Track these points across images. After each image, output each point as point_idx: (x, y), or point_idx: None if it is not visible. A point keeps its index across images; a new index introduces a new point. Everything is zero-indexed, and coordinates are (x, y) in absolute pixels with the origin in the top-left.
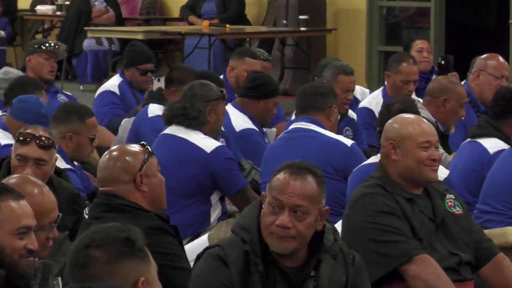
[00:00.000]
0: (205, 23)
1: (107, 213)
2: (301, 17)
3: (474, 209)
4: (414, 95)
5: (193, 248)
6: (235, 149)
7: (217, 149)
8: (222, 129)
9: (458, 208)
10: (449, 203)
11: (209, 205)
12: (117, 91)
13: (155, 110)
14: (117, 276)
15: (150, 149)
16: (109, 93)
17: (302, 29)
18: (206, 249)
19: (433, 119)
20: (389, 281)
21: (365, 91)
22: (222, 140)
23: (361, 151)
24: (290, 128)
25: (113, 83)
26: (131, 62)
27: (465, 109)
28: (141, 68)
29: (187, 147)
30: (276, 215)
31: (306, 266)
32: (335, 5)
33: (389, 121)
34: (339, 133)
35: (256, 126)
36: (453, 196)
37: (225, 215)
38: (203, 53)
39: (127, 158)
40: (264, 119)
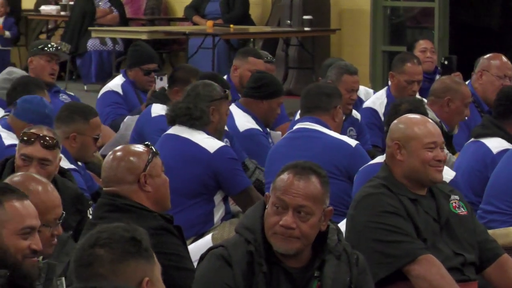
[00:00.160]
0: (209, 23)
1: (111, 213)
2: (305, 17)
3: (478, 209)
4: (417, 95)
5: (197, 248)
6: (239, 149)
7: (220, 149)
8: (226, 129)
9: (462, 209)
10: (454, 204)
11: (213, 205)
12: (120, 91)
13: (158, 110)
14: (122, 275)
15: (154, 149)
16: (112, 93)
17: (306, 29)
18: (209, 249)
19: (437, 119)
20: (393, 281)
21: (369, 91)
22: (226, 140)
23: (365, 152)
24: (294, 128)
25: (116, 83)
26: (134, 62)
27: (469, 109)
28: (145, 68)
29: (191, 147)
30: (280, 216)
31: (310, 266)
32: (339, 5)
33: (395, 121)
34: (343, 133)
35: (259, 126)
36: (457, 197)
37: (229, 215)
38: (207, 53)
39: (131, 158)
40: (267, 119)
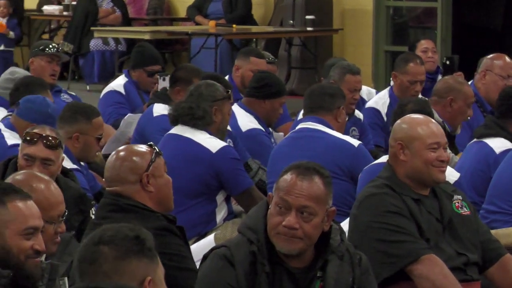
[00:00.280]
0: (212, 23)
1: (113, 213)
2: (307, 17)
3: (480, 209)
4: (420, 95)
5: (200, 248)
6: (242, 149)
7: (222, 149)
8: (229, 129)
9: (465, 209)
10: (457, 204)
11: (215, 205)
12: (122, 91)
13: (160, 109)
14: (124, 273)
15: (157, 150)
16: (114, 93)
17: (308, 29)
18: (212, 249)
19: (440, 119)
20: (395, 281)
21: (371, 91)
22: (229, 140)
23: (368, 152)
24: (297, 128)
25: (118, 83)
26: (138, 63)
27: (471, 108)
28: (148, 69)
29: (193, 147)
30: (283, 216)
31: (312, 266)
32: (341, 5)
33: (398, 121)
34: (346, 133)
35: (262, 126)
36: (460, 197)
37: (231, 215)
38: (210, 53)
39: (134, 158)
40: (270, 119)
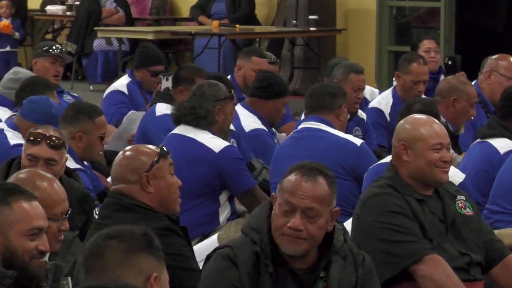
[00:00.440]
0: (215, 23)
1: (117, 212)
2: (310, 17)
3: (484, 210)
4: (423, 95)
5: (203, 248)
6: (246, 148)
7: (225, 149)
8: (233, 129)
9: (468, 209)
10: (460, 204)
11: (218, 205)
12: (125, 91)
13: (162, 109)
14: (131, 268)
15: (164, 151)
16: (117, 92)
17: (312, 29)
18: (215, 249)
19: (443, 119)
20: (399, 281)
21: (374, 91)
22: (233, 140)
23: (371, 151)
24: (299, 127)
25: (121, 83)
26: (142, 63)
27: (475, 108)
28: (152, 69)
29: (195, 147)
30: (287, 217)
31: (316, 267)
32: (345, 5)
33: (401, 122)
34: (349, 133)
35: (265, 126)
36: (463, 197)
37: (235, 215)
38: (213, 53)
39: (137, 158)
40: (273, 119)
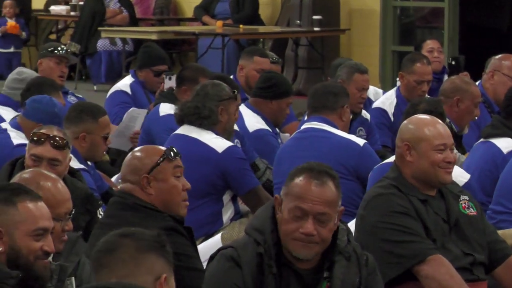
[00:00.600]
0: (219, 23)
1: (121, 211)
2: (314, 17)
3: (487, 210)
4: (426, 95)
5: (207, 248)
6: (250, 148)
7: (228, 149)
8: (236, 128)
9: (472, 209)
10: (463, 204)
11: (221, 205)
12: (128, 91)
13: (166, 109)
14: (142, 265)
15: (171, 154)
16: (120, 92)
17: (315, 29)
18: (219, 250)
19: (447, 119)
20: (402, 281)
21: (378, 91)
22: (237, 141)
23: (373, 151)
24: (302, 128)
25: (124, 83)
26: (145, 63)
27: (479, 108)
28: (155, 69)
29: (199, 147)
30: (298, 222)
31: (319, 267)
32: (349, 5)
33: (405, 122)
34: (353, 133)
35: (269, 126)
36: (467, 197)
37: (238, 215)
38: (217, 53)
39: (140, 158)
40: (277, 119)
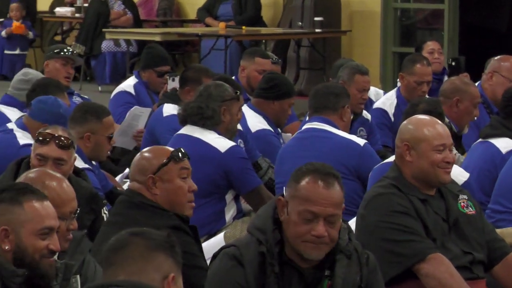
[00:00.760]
0: (222, 24)
1: (128, 209)
2: (316, 18)
3: (486, 209)
4: (426, 96)
5: (209, 246)
6: (253, 147)
7: (231, 149)
8: (240, 128)
9: (471, 208)
10: (462, 204)
11: (224, 204)
12: (132, 92)
13: (170, 109)
14: (151, 263)
15: (177, 155)
16: (124, 93)
17: (317, 30)
18: (222, 248)
19: (446, 120)
20: (403, 280)
21: (379, 92)
22: (240, 141)
23: (374, 151)
24: (303, 128)
25: (128, 84)
26: (148, 64)
27: (478, 109)
28: (158, 70)
29: (202, 147)
30: (309, 224)
31: (321, 266)
32: (350, 7)
33: (404, 122)
34: (354, 133)
35: (271, 126)
36: (466, 196)
37: (241, 214)
38: (220, 54)
39: (147, 159)
40: (279, 120)
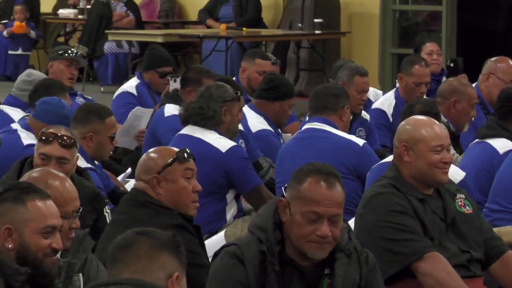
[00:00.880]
0: (223, 26)
1: (133, 208)
2: (316, 20)
3: (483, 208)
4: (425, 97)
5: (210, 245)
6: (254, 147)
7: (232, 149)
8: (241, 128)
9: (468, 207)
10: (459, 203)
11: (225, 204)
12: (134, 92)
13: (171, 109)
14: (156, 262)
15: (182, 156)
16: (127, 94)
17: (317, 32)
18: (223, 247)
19: (444, 120)
20: (401, 278)
21: (378, 92)
22: (241, 141)
23: (373, 151)
24: (303, 128)
25: (130, 85)
26: (150, 65)
27: (475, 109)
28: (160, 71)
29: (203, 147)
30: (313, 225)
31: (321, 264)
32: (349, 8)
33: (402, 123)
34: (353, 133)
35: (271, 127)
36: (463, 195)
37: (241, 213)
38: (221, 55)
39: (153, 159)
40: (279, 120)
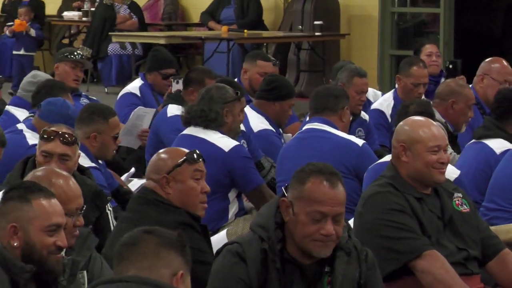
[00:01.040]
0: (224, 28)
1: (142, 206)
2: (316, 22)
3: (480, 207)
4: (423, 97)
5: (213, 243)
6: (256, 147)
7: (234, 148)
8: (243, 128)
9: (465, 206)
10: (457, 202)
11: (227, 202)
12: (138, 93)
13: (174, 110)
14: (162, 259)
15: (192, 157)
16: (130, 95)
17: (317, 34)
18: (225, 245)
19: (443, 120)
20: (399, 275)
21: (377, 93)
22: (243, 141)
23: (372, 151)
24: (304, 128)
25: (134, 86)
26: (153, 66)
27: (472, 110)
28: (163, 72)
29: (206, 146)
30: (317, 224)
31: (321, 262)
32: (348, 11)
33: (400, 123)
34: (352, 134)
35: (272, 127)
36: (460, 194)
37: (242, 211)
38: (222, 57)
39: (163, 159)
40: (280, 120)
